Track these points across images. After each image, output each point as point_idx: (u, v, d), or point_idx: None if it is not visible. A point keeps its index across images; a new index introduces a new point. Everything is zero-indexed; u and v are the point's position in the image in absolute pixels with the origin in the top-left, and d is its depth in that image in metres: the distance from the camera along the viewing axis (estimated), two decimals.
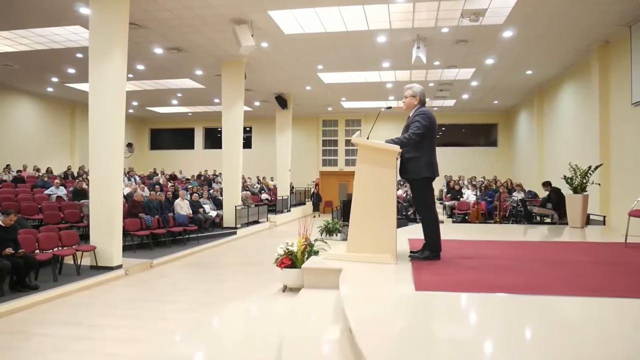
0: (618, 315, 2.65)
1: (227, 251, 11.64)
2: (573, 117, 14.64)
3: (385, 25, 11.37)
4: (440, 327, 2.52)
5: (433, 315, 2.73)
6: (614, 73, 11.75)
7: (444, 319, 2.67)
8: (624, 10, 10.01)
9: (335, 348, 2.61)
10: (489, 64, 14.50)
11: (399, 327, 2.54)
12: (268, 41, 12.31)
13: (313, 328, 3.02)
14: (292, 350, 2.59)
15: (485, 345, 2.19)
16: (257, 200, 17.77)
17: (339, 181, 24.86)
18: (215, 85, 16.48)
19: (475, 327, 2.52)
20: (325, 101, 21.06)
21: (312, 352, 2.61)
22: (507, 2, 9.88)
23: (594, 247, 5.24)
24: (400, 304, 2.96)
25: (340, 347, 2.60)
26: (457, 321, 2.61)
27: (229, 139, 14.20)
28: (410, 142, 4.25)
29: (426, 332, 2.42)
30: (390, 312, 2.80)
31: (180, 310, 6.09)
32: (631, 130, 10.78)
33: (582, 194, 7.30)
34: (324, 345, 2.70)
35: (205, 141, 25.97)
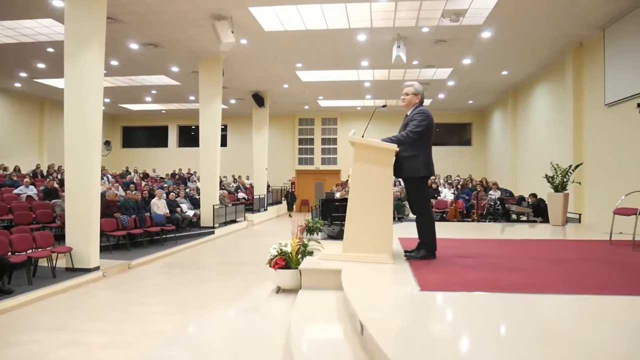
0: (627, 312, 2.68)
1: (206, 251, 11.43)
2: (547, 117, 14.97)
3: (367, 24, 11.37)
4: (456, 326, 2.49)
5: (444, 315, 2.70)
6: (587, 74, 12.05)
7: (457, 319, 2.63)
8: (598, 14, 10.27)
9: (346, 349, 2.55)
10: (466, 64, 14.68)
11: (416, 328, 2.50)
12: (247, 38, 12.14)
13: (320, 329, 2.96)
14: (302, 351, 2.51)
15: (511, 344, 2.16)
16: (234, 199, 17.55)
17: (315, 180, 24.82)
18: (192, 82, 16.21)
19: (492, 326, 2.49)
20: (302, 100, 20.97)
21: (322, 354, 2.54)
22: (487, 3, 10.01)
23: (582, 245, 5.33)
24: (408, 304, 2.91)
25: (351, 348, 2.54)
26: (471, 320, 2.57)
27: (206, 137, 13.96)
28: (408, 140, 4.23)
29: (443, 332, 2.37)
30: (401, 313, 2.77)
31: (167, 312, 5.92)
32: (604, 130, 11.07)
33: (562, 192, 7.43)
34: (333, 346, 2.63)
35: (179, 139, 25.50)
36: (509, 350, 2.07)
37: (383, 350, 1.97)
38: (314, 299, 3.54)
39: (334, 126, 24.49)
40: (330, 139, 24.56)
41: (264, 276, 8.32)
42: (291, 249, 4.43)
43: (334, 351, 2.59)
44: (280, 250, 4.47)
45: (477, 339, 2.27)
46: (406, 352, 2.02)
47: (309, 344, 2.66)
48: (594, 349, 2.10)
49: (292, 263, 4.37)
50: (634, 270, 3.75)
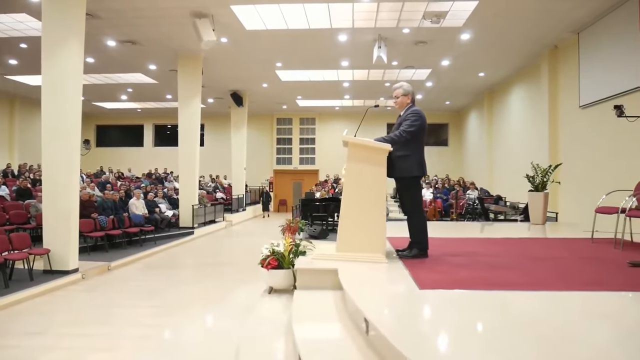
0: (626, 307, 2.76)
1: (186, 252, 11.27)
2: (522, 118, 15.30)
3: (348, 24, 11.40)
4: (464, 323, 2.50)
5: (449, 313, 2.71)
6: (562, 77, 12.36)
7: (462, 316, 2.64)
8: (573, 18, 10.55)
9: (352, 348, 2.55)
10: (444, 65, 14.88)
11: (424, 325, 2.51)
12: (228, 36, 12.02)
13: (322, 329, 2.95)
14: (308, 351, 2.50)
15: (523, 339, 2.19)
16: (212, 199, 17.37)
17: (294, 180, 24.77)
18: (169, 80, 15.97)
19: (498, 322, 2.52)
20: (281, 99, 20.91)
21: (328, 354, 2.53)
22: (467, 5, 10.16)
23: (567, 243, 5.46)
24: (410, 302, 2.93)
25: (357, 348, 2.54)
26: (476, 317, 2.60)
27: (185, 137, 13.77)
28: (401, 140, 4.25)
29: (454, 329, 2.39)
30: (406, 311, 2.78)
31: (152, 315, 5.80)
32: (579, 131, 11.37)
33: (542, 192, 7.60)
34: (339, 346, 2.62)
35: (155, 138, 25.08)
36: (523, 345, 2.10)
37: (397, 348, 1.98)
38: (311, 299, 3.53)
39: (312, 126, 24.49)
40: (309, 138, 24.55)
41: (250, 276, 8.29)
42: (284, 249, 4.40)
43: (339, 351, 2.58)
44: (272, 251, 4.44)
45: (487, 334, 2.30)
46: (422, 349, 2.02)
47: (313, 344, 2.64)
48: (601, 345, 2.15)
49: (285, 263, 4.35)
50: (621, 266, 3.85)
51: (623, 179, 8.88)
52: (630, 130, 8.55)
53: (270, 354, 2.92)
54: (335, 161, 23.59)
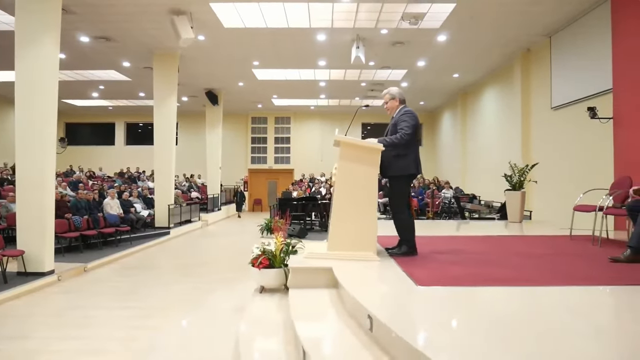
0: (623, 300, 2.89)
1: (163, 252, 11.11)
2: (495, 119, 15.65)
3: (327, 24, 11.43)
4: (471, 318, 2.56)
5: (454, 308, 2.76)
6: (534, 78, 12.71)
7: (468, 311, 2.70)
8: (546, 22, 10.86)
9: (358, 345, 2.57)
10: (420, 66, 15.09)
11: (433, 321, 2.55)
12: (206, 34, 11.89)
13: (323, 327, 2.96)
14: (315, 348, 2.51)
15: (533, 331, 2.26)
16: (187, 198, 17.14)
17: (268, 179, 24.69)
18: (143, 78, 15.68)
19: (504, 317, 2.58)
20: (256, 98, 20.80)
21: (334, 349, 2.55)
22: (445, 7, 10.33)
23: (547, 240, 5.62)
24: (412, 299, 2.97)
25: (363, 344, 2.57)
26: (482, 312, 2.67)
27: (161, 135, 13.54)
28: (402, 143, 4.31)
29: (463, 324, 2.44)
30: (410, 308, 2.82)
31: (137, 316, 5.71)
32: (551, 132, 11.72)
33: (520, 190, 7.81)
34: (343, 342, 2.65)
35: (126, 137, 24.57)
36: (532, 338, 2.17)
37: (411, 344, 2.00)
38: (307, 297, 3.54)
39: (287, 125, 24.46)
40: (284, 138, 24.51)
41: (233, 276, 8.26)
42: (275, 248, 4.40)
43: (344, 346, 2.60)
44: (263, 250, 4.43)
45: (493, 329, 2.36)
46: (435, 343, 2.06)
47: (317, 340, 2.66)
48: (610, 337, 2.24)
49: (276, 262, 4.35)
50: (604, 263, 4.01)
51: (594, 178, 9.20)
52: (601, 131, 8.86)
53: (272, 353, 2.92)
54: (310, 160, 23.67)
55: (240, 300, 4.91)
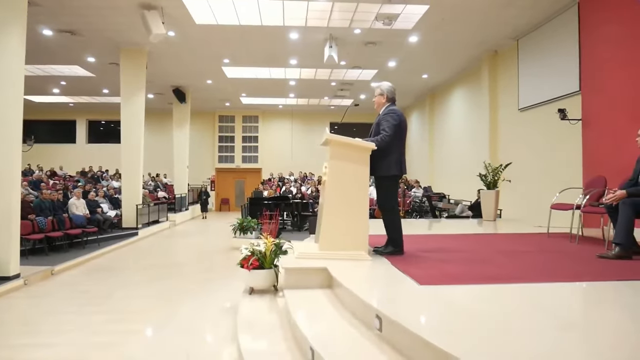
0: (620, 295, 2.99)
1: (133, 253, 10.78)
2: (463, 119, 15.98)
3: (301, 22, 11.39)
4: (484, 315, 2.59)
5: (463, 306, 2.77)
6: (502, 80, 13.06)
7: (479, 309, 2.73)
8: (515, 26, 11.18)
9: (367, 343, 2.56)
10: (390, 67, 15.24)
11: (447, 320, 2.55)
12: (176, 30, 11.63)
13: (330, 326, 2.92)
14: (324, 347, 2.48)
15: (547, 328, 2.30)
16: (155, 198, 16.72)
17: (236, 178, 24.40)
18: (108, 74, 15.23)
19: (513, 313, 2.62)
20: (225, 96, 20.52)
21: (346, 350, 2.52)
22: (418, 9, 10.47)
23: (526, 238, 5.76)
24: (417, 298, 2.95)
25: (372, 343, 2.56)
26: (492, 310, 2.70)
27: (128, 134, 13.14)
28: (383, 145, 4.29)
29: (476, 322, 2.44)
30: (419, 307, 2.81)
31: (113, 321, 5.48)
32: (518, 132, 12.07)
33: (494, 190, 7.99)
34: (353, 341, 2.62)
35: (88, 135, 23.74)
36: (550, 335, 2.20)
37: (437, 345, 1.99)
38: (304, 298, 3.49)
39: (255, 124, 24.25)
40: (252, 137, 24.28)
41: (210, 277, 8.13)
42: (265, 248, 4.33)
43: (354, 345, 2.58)
44: (253, 250, 4.34)
45: (509, 325, 2.40)
46: (461, 344, 2.05)
47: (325, 340, 2.61)
48: (616, 333, 2.30)
49: (266, 263, 4.28)
50: (591, 259, 4.14)
51: (562, 177, 9.53)
52: (568, 131, 9.17)
53: (276, 355, 2.86)
54: (279, 160, 23.54)
55: (225, 301, 4.82)
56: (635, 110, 6.48)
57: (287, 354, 2.85)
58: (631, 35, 6.66)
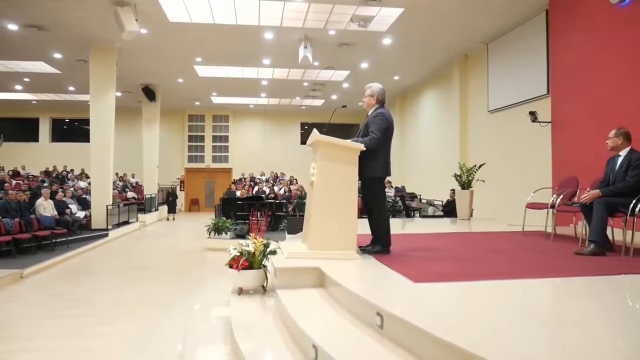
0: (603, 290, 3.17)
1: (105, 255, 10.55)
2: (434, 121, 16.31)
3: (276, 22, 11.39)
4: (488, 311, 2.71)
5: (465, 302, 2.88)
6: (472, 83, 13.41)
7: (480, 304, 2.85)
8: (485, 30, 11.50)
9: (371, 341, 2.61)
10: (363, 68, 15.39)
11: (451, 315, 2.64)
12: (149, 27, 11.45)
13: (329, 323, 2.97)
14: (327, 345, 2.53)
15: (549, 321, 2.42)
16: (124, 198, 16.36)
17: (206, 178, 24.13)
18: (75, 71, 14.84)
19: (514, 309, 2.74)
20: (195, 95, 20.26)
21: (349, 347, 2.57)
22: (393, 12, 10.64)
23: (503, 236, 5.96)
24: (415, 295, 3.02)
25: (376, 340, 2.62)
26: (491, 305, 2.82)
27: (98, 133, 12.81)
28: (372, 146, 4.36)
29: (483, 318, 2.53)
30: (419, 304, 2.88)
31: (94, 324, 5.36)
32: (487, 133, 12.43)
33: (468, 189, 8.21)
34: (355, 339, 2.68)
35: (52, 133, 22.98)
36: (553, 328, 2.32)
37: (450, 341, 2.05)
38: (298, 297, 3.53)
39: (226, 123, 24.04)
40: (222, 136, 24.06)
41: (188, 278, 8.03)
42: (254, 248, 4.33)
43: (357, 342, 2.63)
44: (241, 250, 4.34)
45: (518, 319, 2.53)
46: (473, 339, 2.13)
47: (326, 337, 2.66)
48: (611, 325, 2.45)
49: (255, 263, 4.29)
50: (567, 255, 4.35)
51: (531, 177, 9.89)
52: (536, 133, 9.51)
53: (277, 355, 2.89)
54: (250, 159, 23.40)
55: (213, 302, 4.80)
56: (603, 114, 6.79)
57: (287, 354, 2.88)
58: (598, 43, 6.97)
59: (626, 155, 4.69)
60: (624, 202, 4.40)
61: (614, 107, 6.54)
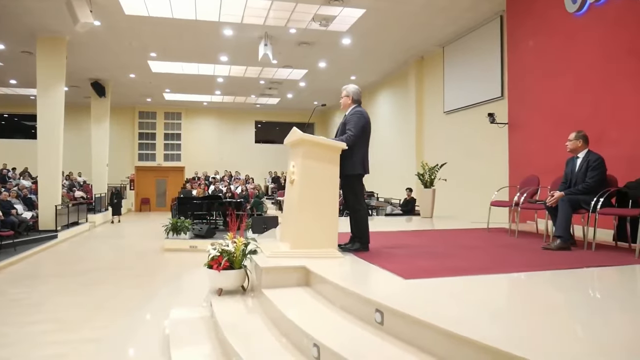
0: (575, 281, 3.36)
1: (56, 257, 10.05)
2: (390, 120, 16.62)
3: (237, 19, 11.23)
4: (482, 304, 2.83)
5: (459, 297, 2.97)
6: (427, 85, 13.77)
7: (473, 298, 2.96)
8: (442, 34, 11.85)
9: (371, 337, 2.65)
10: (321, 67, 15.46)
11: (451, 309, 2.72)
12: (103, 19, 10.97)
13: (327, 321, 2.97)
14: (332, 343, 2.54)
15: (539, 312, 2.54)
16: (72, 198, 15.63)
17: (157, 177, 23.47)
18: (18, 63, 14.04)
19: (503, 301, 2.85)
20: (146, 91, 19.65)
21: (353, 345, 2.59)
22: (354, 12, 10.75)
23: (471, 233, 6.17)
24: (411, 291, 3.07)
25: (376, 336, 2.65)
26: (483, 299, 2.94)
27: (46, 129, 12.16)
28: (349, 144, 4.41)
29: (485, 310, 2.63)
30: (416, 299, 2.92)
31: (57, 331, 5.09)
32: (443, 134, 12.81)
33: (431, 188, 8.44)
34: (358, 336, 2.70)
35: None
36: (543, 316, 2.45)
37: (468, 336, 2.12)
38: (286, 296, 3.50)
39: (178, 121, 23.49)
40: (174, 134, 23.48)
41: (150, 279, 7.79)
42: (235, 248, 4.27)
43: (356, 339, 2.66)
44: (221, 250, 4.27)
45: (517, 311, 2.68)
46: (482, 329, 2.21)
47: (329, 337, 2.66)
48: (595, 318, 2.60)
49: (236, 263, 4.23)
50: (536, 250, 4.58)
51: (486, 176, 10.29)
52: (490, 133, 9.91)
53: (274, 352, 2.87)
54: (203, 158, 22.96)
55: (187, 304, 4.68)
56: (558, 116, 7.17)
57: (285, 353, 2.86)
58: (555, 48, 7.35)
59: (584, 156, 4.98)
60: (586, 199, 4.67)
61: (570, 109, 6.92)
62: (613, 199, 4.83)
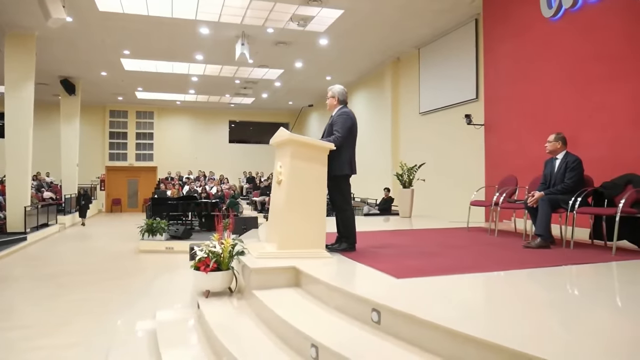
0: (564, 278, 3.45)
1: (26, 260, 9.72)
2: (366, 121, 16.68)
3: (214, 17, 11.13)
4: (478, 302, 2.89)
5: (456, 295, 3.02)
6: (403, 85, 13.93)
7: (468, 296, 3.05)
8: (418, 35, 12.01)
9: (369, 337, 2.66)
10: (297, 67, 15.46)
11: (451, 307, 2.76)
12: (75, 15, 10.69)
13: (324, 322, 2.97)
14: (331, 343, 2.55)
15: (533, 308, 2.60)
16: (41, 199, 15.16)
17: (128, 177, 23.00)
18: None
19: (495, 298, 2.93)
20: (118, 90, 19.24)
21: (352, 344, 2.60)
22: (332, 13, 10.79)
23: (452, 232, 6.27)
24: (405, 290, 3.08)
25: (374, 335, 2.67)
26: (478, 296, 3.04)
27: (14, 128, 11.76)
28: (336, 144, 4.42)
29: (484, 307, 2.67)
30: (413, 298, 2.94)
31: (32, 336, 4.90)
32: (418, 134, 12.99)
33: (409, 188, 8.54)
34: (356, 335, 2.71)
35: None
36: (541, 313, 2.52)
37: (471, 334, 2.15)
38: (278, 297, 3.48)
39: (150, 120, 23.10)
40: (146, 133, 23.07)
41: (128, 282, 7.63)
42: (222, 250, 4.22)
43: (354, 338, 2.67)
44: (209, 252, 4.22)
45: (514, 307, 2.73)
46: (484, 327, 2.25)
47: (327, 337, 2.67)
48: (587, 310, 2.68)
49: (224, 265, 4.19)
50: (517, 249, 4.70)
51: (462, 176, 10.47)
52: (465, 134, 10.11)
53: (273, 352, 2.85)
54: (177, 158, 22.63)
55: (172, 306, 4.61)
56: (533, 118, 7.36)
57: (280, 353, 2.86)
58: (529, 51, 7.54)
59: (563, 158, 5.13)
60: (565, 199, 4.81)
61: (546, 111, 7.11)
62: (590, 198, 4.99)
